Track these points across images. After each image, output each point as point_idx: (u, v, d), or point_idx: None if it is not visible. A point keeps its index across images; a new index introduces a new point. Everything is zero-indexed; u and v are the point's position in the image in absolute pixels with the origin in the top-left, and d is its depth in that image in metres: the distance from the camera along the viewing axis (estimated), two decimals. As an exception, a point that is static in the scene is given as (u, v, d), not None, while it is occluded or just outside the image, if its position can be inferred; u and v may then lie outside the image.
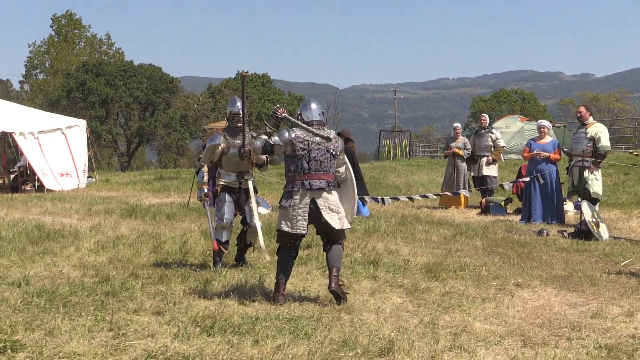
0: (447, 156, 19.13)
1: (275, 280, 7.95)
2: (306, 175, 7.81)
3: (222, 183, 9.97)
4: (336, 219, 7.90)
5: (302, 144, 7.83)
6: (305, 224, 7.85)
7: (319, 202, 7.84)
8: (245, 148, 9.34)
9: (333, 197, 7.95)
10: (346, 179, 8.38)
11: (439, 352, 6.10)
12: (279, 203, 8.05)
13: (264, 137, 8.41)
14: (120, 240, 11.38)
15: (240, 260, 10.02)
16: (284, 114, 8.53)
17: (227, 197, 9.92)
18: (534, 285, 8.79)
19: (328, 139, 7.95)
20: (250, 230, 9.87)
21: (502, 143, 18.67)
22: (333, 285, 7.72)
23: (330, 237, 7.98)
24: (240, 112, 9.79)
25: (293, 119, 8.17)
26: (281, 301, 7.72)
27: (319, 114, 8.15)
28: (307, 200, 7.82)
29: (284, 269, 7.98)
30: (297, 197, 7.82)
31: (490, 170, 18.20)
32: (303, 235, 8.02)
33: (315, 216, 7.88)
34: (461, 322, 7.09)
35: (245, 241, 9.97)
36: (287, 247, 8.03)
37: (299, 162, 7.83)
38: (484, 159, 18.20)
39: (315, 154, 7.84)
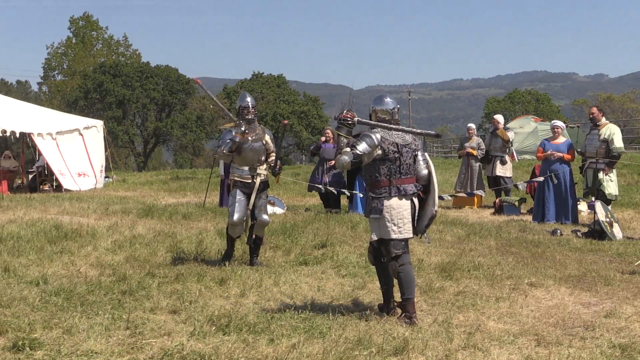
0: (461, 156, 19.09)
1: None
2: (399, 180, 7.26)
3: (235, 178, 10.05)
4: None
5: (393, 146, 7.25)
6: (411, 227, 7.33)
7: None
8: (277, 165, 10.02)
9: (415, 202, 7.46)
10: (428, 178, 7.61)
11: (453, 351, 6.11)
12: (369, 214, 7.35)
13: (348, 149, 7.29)
14: (137, 240, 11.42)
15: (252, 258, 10.08)
16: (356, 119, 7.52)
17: (239, 193, 9.99)
18: (548, 284, 8.78)
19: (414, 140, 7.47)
20: (257, 224, 9.99)
21: (512, 142, 18.64)
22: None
23: None
24: (250, 106, 10.07)
25: (373, 122, 7.44)
26: (392, 312, 7.38)
27: (396, 110, 7.57)
28: (408, 202, 7.29)
29: (387, 279, 7.50)
30: (394, 201, 7.24)
31: (504, 171, 18.11)
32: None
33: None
34: (475, 322, 7.10)
35: (254, 237, 10.04)
36: (380, 256, 7.49)
37: (391, 166, 7.25)
38: (498, 159, 18.13)
39: (405, 157, 7.32)
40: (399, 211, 7.21)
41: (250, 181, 10.03)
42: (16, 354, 5.90)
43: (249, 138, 9.96)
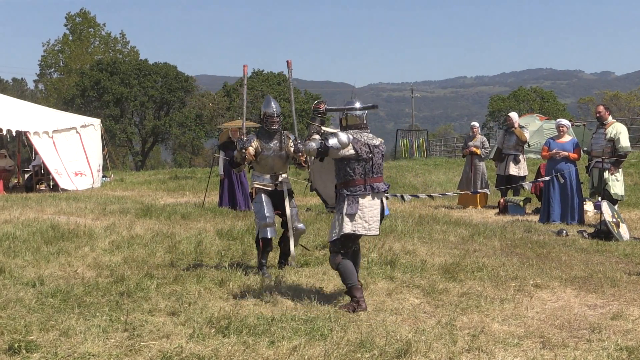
0: (465, 155, 19.00)
1: (352, 285, 7.69)
2: (372, 179, 7.79)
3: (257, 185, 9.61)
4: None
5: (365, 146, 7.75)
6: (379, 225, 7.92)
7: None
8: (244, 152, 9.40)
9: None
10: None
11: (456, 354, 6.06)
12: (340, 210, 7.75)
13: (317, 137, 8.05)
14: (135, 240, 11.36)
15: (284, 261, 9.82)
16: (324, 107, 8.33)
17: (264, 197, 9.51)
18: (553, 286, 8.71)
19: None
20: (296, 234, 9.57)
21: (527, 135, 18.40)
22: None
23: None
24: (275, 114, 9.69)
25: (340, 107, 8.13)
26: (364, 306, 7.61)
27: (364, 115, 8.11)
28: (378, 201, 7.83)
29: (354, 273, 7.78)
30: (367, 199, 7.74)
31: (517, 170, 17.94)
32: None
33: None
34: (479, 323, 7.03)
35: (288, 245, 9.58)
36: (348, 252, 7.88)
37: (365, 166, 7.75)
38: (511, 158, 17.95)
39: (377, 157, 7.85)
40: (370, 209, 7.74)
41: (272, 189, 9.59)
42: (12, 357, 5.86)
43: (250, 157, 9.49)
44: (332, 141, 7.64)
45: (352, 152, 7.66)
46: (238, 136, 9.85)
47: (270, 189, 9.59)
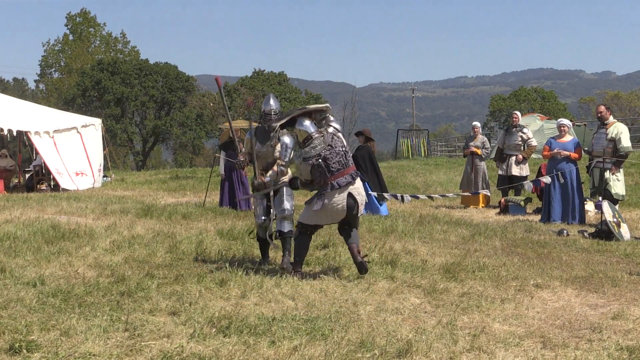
0: (465, 155, 18.98)
1: (294, 260, 9.17)
2: (333, 177, 8.91)
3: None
4: None
5: (316, 157, 8.94)
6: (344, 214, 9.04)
7: None
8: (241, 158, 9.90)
9: None
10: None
11: (457, 354, 6.05)
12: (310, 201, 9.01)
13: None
14: (136, 240, 11.34)
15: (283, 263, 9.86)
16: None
17: (260, 195, 9.97)
18: (554, 286, 8.70)
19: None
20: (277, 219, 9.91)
21: (534, 142, 18.17)
22: (359, 258, 8.81)
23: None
24: (272, 112, 9.87)
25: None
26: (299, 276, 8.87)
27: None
28: (342, 195, 8.93)
29: (304, 251, 9.26)
30: (331, 194, 8.90)
31: (519, 170, 17.89)
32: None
33: None
34: (480, 323, 7.02)
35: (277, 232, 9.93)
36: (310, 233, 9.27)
37: (322, 170, 8.91)
38: (513, 158, 17.90)
39: (334, 158, 8.93)
40: (333, 204, 8.89)
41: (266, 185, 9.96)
42: (13, 356, 5.83)
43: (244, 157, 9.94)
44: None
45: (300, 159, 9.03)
46: (238, 143, 9.97)
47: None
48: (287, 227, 9.73)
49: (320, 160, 8.78)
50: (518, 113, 18.98)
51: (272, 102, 9.94)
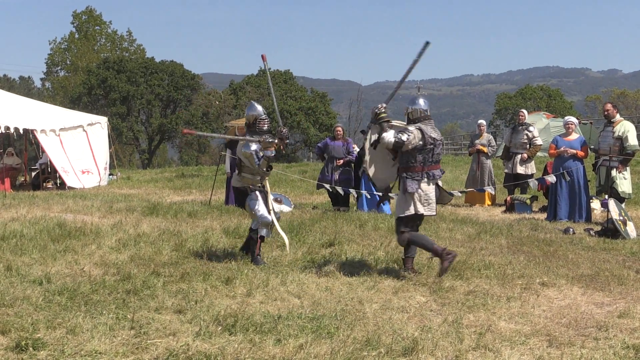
0: (471, 153, 18.94)
1: (433, 250, 8.94)
2: (430, 166, 8.88)
3: (253, 185, 10.01)
4: None
5: (431, 138, 8.77)
6: (435, 207, 9.09)
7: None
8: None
9: None
10: None
11: (463, 352, 6.05)
12: (405, 190, 8.88)
13: (392, 131, 8.85)
14: (142, 238, 11.35)
15: (247, 250, 10.17)
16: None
17: (259, 194, 10.01)
18: (560, 284, 8.68)
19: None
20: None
21: (539, 141, 18.12)
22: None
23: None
24: (265, 116, 10.02)
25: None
26: (453, 252, 8.93)
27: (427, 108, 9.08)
28: (432, 187, 8.95)
29: (426, 238, 9.21)
30: (425, 184, 8.86)
31: (524, 169, 17.83)
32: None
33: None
34: (486, 322, 7.02)
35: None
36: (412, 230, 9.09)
37: (425, 156, 8.82)
38: (519, 157, 17.86)
39: (437, 149, 8.92)
40: (427, 193, 8.87)
41: (260, 188, 10.10)
42: (19, 354, 5.86)
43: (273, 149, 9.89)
44: (404, 137, 8.68)
45: (420, 143, 8.73)
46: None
47: (258, 188, 10.07)
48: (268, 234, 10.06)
49: (432, 146, 8.81)
50: (524, 111, 18.93)
51: (259, 107, 10.16)
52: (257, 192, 9.98)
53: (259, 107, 10.11)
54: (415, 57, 9.08)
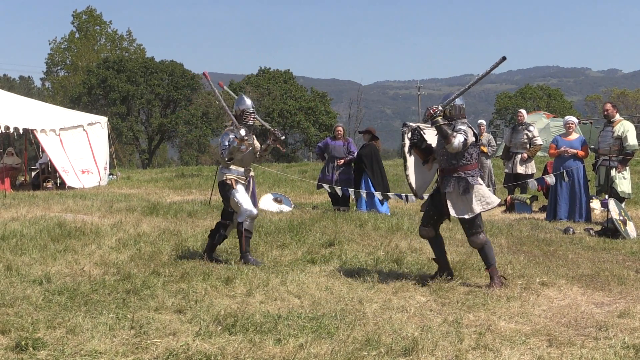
0: (471, 153, 18.91)
1: (493, 265, 8.68)
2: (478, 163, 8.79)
3: (236, 177, 10.00)
4: None
5: (476, 133, 8.69)
6: None
7: None
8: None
9: None
10: None
11: (463, 352, 6.04)
12: (475, 184, 8.58)
13: (460, 135, 8.50)
14: (142, 238, 11.35)
15: (209, 253, 10.12)
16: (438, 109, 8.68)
17: (242, 188, 10.02)
18: (560, 284, 8.68)
19: None
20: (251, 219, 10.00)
21: (539, 141, 18.11)
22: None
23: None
24: (252, 110, 10.11)
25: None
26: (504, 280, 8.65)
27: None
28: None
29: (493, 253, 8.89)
30: (480, 180, 8.72)
31: (524, 169, 17.81)
32: None
33: None
34: (486, 321, 7.02)
35: (218, 234, 10.12)
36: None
37: (476, 151, 8.72)
38: (519, 156, 17.84)
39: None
40: (483, 187, 8.73)
41: (244, 182, 10.12)
42: (19, 354, 5.86)
43: (247, 145, 9.90)
44: (464, 137, 8.46)
45: (473, 139, 8.57)
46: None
47: (243, 182, 10.05)
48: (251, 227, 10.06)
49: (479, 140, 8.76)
50: (523, 111, 18.91)
51: (247, 100, 10.22)
52: (241, 186, 10.00)
53: (248, 101, 10.17)
54: (488, 69, 8.93)
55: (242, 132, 9.76)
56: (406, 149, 9.18)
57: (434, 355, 5.96)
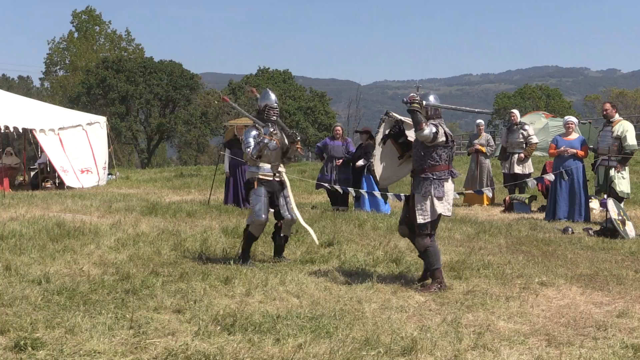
0: (470, 153, 18.98)
1: (437, 269, 8.46)
2: (450, 165, 8.59)
3: (260, 176, 9.80)
4: None
5: (450, 135, 8.51)
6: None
7: None
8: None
9: None
10: None
11: (462, 352, 6.04)
12: (431, 194, 8.39)
13: (431, 126, 8.42)
14: (141, 238, 11.35)
15: (279, 256, 10.04)
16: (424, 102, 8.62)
17: (264, 191, 9.76)
18: (559, 284, 8.69)
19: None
20: (285, 223, 9.90)
21: (534, 140, 18.17)
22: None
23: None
24: (276, 105, 10.02)
25: (442, 105, 8.90)
26: (445, 285, 8.42)
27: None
28: (452, 185, 8.68)
29: (439, 257, 8.64)
30: (449, 183, 8.53)
31: (522, 168, 17.85)
32: None
33: None
34: (485, 321, 7.02)
35: (281, 235, 10.01)
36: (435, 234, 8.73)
37: (449, 153, 8.55)
38: (516, 156, 17.87)
39: (453, 146, 8.67)
40: (450, 192, 8.56)
41: (272, 179, 9.87)
42: (18, 354, 5.84)
43: (277, 141, 9.81)
44: (434, 129, 8.35)
45: (444, 139, 8.40)
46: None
47: (269, 179, 9.82)
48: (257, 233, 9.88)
49: (453, 142, 8.59)
50: (516, 111, 18.98)
51: (272, 95, 10.16)
52: (263, 189, 9.76)
53: (272, 96, 10.10)
54: (475, 110, 9.42)
55: (270, 128, 9.75)
56: (378, 137, 9.36)
57: (432, 355, 5.95)
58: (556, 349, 6.17)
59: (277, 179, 9.93)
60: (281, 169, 10.00)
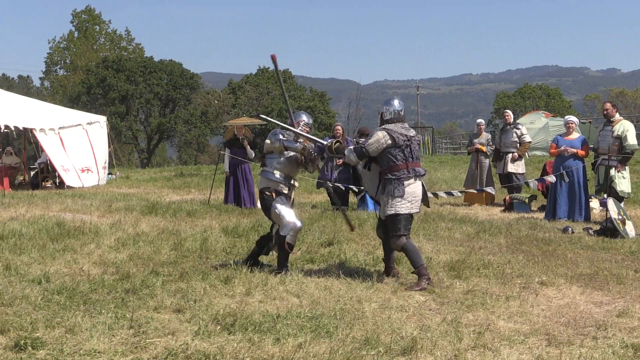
0: (470, 153, 18.97)
1: (422, 265, 8.55)
2: (412, 164, 8.69)
3: (277, 184, 9.40)
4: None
5: (403, 136, 8.68)
6: (420, 204, 8.88)
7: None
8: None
9: None
10: None
11: (462, 351, 6.03)
12: (391, 194, 8.63)
13: (351, 148, 9.06)
14: (141, 238, 11.35)
15: (253, 260, 9.65)
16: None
17: (284, 199, 9.35)
18: (559, 283, 8.68)
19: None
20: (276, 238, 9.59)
21: (527, 139, 18.22)
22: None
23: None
24: (308, 121, 10.05)
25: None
26: (431, 281, 8.51)
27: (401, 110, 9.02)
28: (419, 183, 8.78)
29: (419, 253, 8.77)
30: (413, 182, 8.67)
31: (515, 167, 17.87)
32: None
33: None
34: (485, 321, 7.01)
35: (267, 246, 9.61)
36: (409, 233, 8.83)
37: (406, 152, 8.68)
38: (509, 156, 17.89)
39: (414, 145, 8.80)
40: (414, 190, 8.65)
41: (287, 192, 9.47)
42: (18, 354, 5.84)
43: (302, 144, 9.76)
44: (353, 154, 8.98)
45: (390, 142, 8.63)
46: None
47: (285, 191, 9.43)
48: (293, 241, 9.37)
49: (408, 142, 8.73)
50: (509, 112, 19.03)
51: (304, 117, 10.09)
52: (282, 197, 9.34)
53: (304, 116, 10.07)
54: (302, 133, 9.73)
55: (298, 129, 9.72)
56: (360, 167, 9.50)
57: (432, 354, 5.95)
58: (556, 348, 6.16)
59: (292, 193, 9.59)
60: (295, 183, 9.68)
